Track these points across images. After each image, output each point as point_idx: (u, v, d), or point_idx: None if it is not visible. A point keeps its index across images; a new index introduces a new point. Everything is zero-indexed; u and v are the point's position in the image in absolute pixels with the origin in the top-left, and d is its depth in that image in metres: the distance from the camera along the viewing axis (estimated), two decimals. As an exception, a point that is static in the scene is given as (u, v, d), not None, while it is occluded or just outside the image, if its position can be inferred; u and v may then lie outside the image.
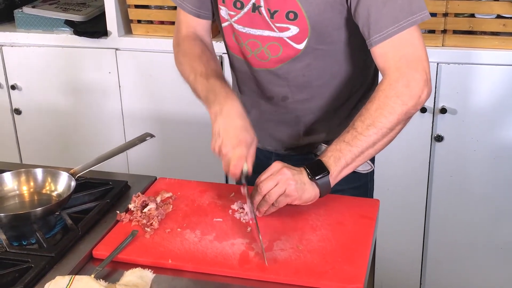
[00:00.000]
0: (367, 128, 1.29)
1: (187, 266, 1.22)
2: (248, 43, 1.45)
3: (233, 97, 1.38)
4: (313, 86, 1.49)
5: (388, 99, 1.29)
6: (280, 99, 1.52)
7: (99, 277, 1.17)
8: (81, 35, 2.52)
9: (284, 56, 1.44)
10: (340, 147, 1.30)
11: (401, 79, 1.30)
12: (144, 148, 1.79)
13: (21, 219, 1.32)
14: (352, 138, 1.30)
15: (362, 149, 1.30)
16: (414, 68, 1.31)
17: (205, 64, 1.48)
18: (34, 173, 1.46)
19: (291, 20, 1.37)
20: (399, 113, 1.30)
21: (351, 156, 1.30)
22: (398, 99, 1.29)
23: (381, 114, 1.29)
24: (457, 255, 2.42)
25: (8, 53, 2.64)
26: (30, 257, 1.22)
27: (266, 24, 1.40)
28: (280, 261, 1.21)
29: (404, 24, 1.29)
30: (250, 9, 1.40)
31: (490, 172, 2.27)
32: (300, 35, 1.39)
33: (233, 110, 1.35)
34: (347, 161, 1.30)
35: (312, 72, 1.46)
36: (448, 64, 2.19)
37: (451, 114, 2.23)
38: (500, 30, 2.18)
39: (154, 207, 1.38)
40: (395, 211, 2.38)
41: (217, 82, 1.41)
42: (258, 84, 1.52)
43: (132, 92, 2.55)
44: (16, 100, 2.70)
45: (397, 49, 1.31)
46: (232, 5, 1.42)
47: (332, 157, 1.30)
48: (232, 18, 1.44)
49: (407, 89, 1.30)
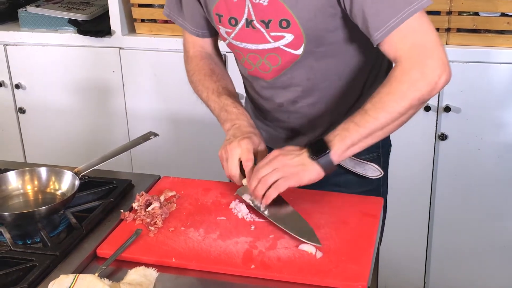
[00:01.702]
0: (377, 111, 1.27)
1: (191, 264, 1.22)
2: (249, 57, 1.46)
3: (243, 114, 1.45)
4: (320, 89, 1.47)
5: (401, 84, 1.27)
6: (290, 104, 1.51)
7: (103, 276, 1.17)
8: (84, 34, 2.52)
9: (284, 64, 1.43)
10: (348, 127, 1.29)
11: (414, 68, 1.27)
12: (148, 147, 1.79)
13: (25, 218, 1.33)
14: (361, 119, 1.28)
15: (370, 131, 1.28)
16: (427, 56, 1.28)
17: (216, 82, 1.53)
18: (38, 172, 1.46)
19: (285, 28, 1.36)
20: (411, 99, 1.27)
21: (358, 136, 1.28)
22: (412, 85, 1.27)
23: (392, 99, 1.27)
24: (461, 253, 2.41)
25: (12, 52, 2.64)
26: (34, 256, 1.23)
27: (261, 38, 1.40)
28: (284, 260, 1.21)
29: (404, 15, 1.26)
30: (244, 25, 1.40)
31: (494, 170, 2.27)
32: (295, 41, 1.38)
33: (244, 124, 1.42)
34: (353, 141, 1.28)
35: (316, 75, 1.45)
36: (452, 62, 2.15)
37: (455, 112, 2.23)
38: (505, 28, 2.17)
39: (158, 206, 1.38)
40: (399, 210, 2.37)
41: (228, 101, 1.48)
42: (267, 93, 1.52)
43: (136, 91, 2.56)
44: (20, 99, 2.71)
45: (405, 39, 1.27)
46: (227, 22, 1.43)
47: (338, 136, 1.28)
48: (229, 35, 1.45)
49: (422, 76, 1.26)
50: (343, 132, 1.29)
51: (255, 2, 1.36)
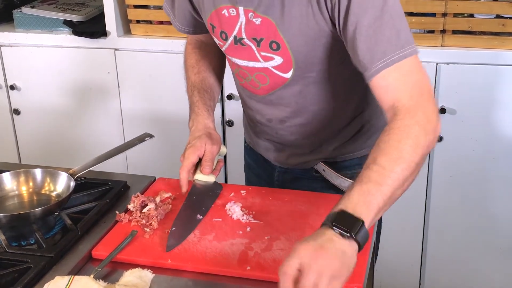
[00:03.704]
0: (395, 163, 1.09)
1: (187, 266, 1.22)
2: (239, 72, 1.45)
3: (201, 114, 1.49)
4: (309, 111, 1.44)
5: (410, 128, 1.12)
6: (279, 122, 1.49)
7: (98, 277, 1.17)
8: (80, 35, 2.52)
9: (272, 84, 1.41)
10: (368, 188, 1.06)
11: (418, 107, 1.15)
12: (143, 148, 1.79)
13: (20, 219, 1.32)
14: (379, 176, 1.08)
15: (392, 189, 1.08)
16: (427, 99, 1.18)
17: (195, 74, 1.57)
18: (33, 173, 1.46)
19: (275, 50, 1.33)
20: (423, 145, 1.13)
21: (383, 197, 1.07)
22: (421, 128, 1.13)
23: (407, 144, 1.11)
24: (457, 254, 2.42)
25: (7, 53, 2.63)
26: (29, 258, 1.22)
27: (250, 55, 1.37)
28: (279, 261, 1.21)
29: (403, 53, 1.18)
30: (232, 41, 1.38)
31: (490, 172, 2.27)
32: (284, 65, 1.35)
33: (197, 128, 1.47)
34: (379, 204, 1.07)
35: (305, 98, 1.42)
36: (447, 64, 2.19)
37: (450, 114, 2.23)
38: (500, 30, 2.18)
39: (153, 207, 1.38)
40: (394, 211, 2.37)
41: (197, 97, 1.53)
42: (257, 107, 1.51)
43: (131, 92, 2.55)
44: (15, 101, 2.70)
45: (404, 76, 1.18)
46: (219, 35, 1.41)
47: (361, 202, 1.06)
48: (222, 47, 1.44)
49: (426, 118, 1.15)
50: (364, 197, 1.06)
51: (250, 20, 1.32)
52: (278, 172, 1.61)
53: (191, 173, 1.45)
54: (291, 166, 1.58)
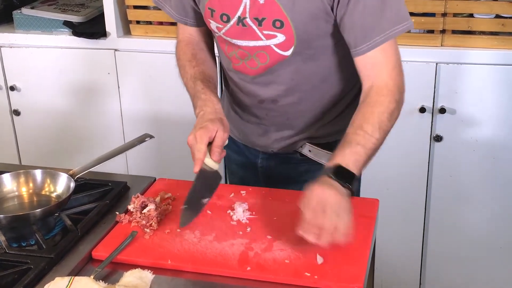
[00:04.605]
0: (376, 132, 1.32)
1: (187, 266, 1.22)
2: (238, 53, 1.47)
3: (210, 100, 1.44)
4: (302, 90, 1.50)
5: (390, 103, 1.35)
6: (271, 102, 1.53)
7: (99, 278, 1.17)
8: (80, 36, 2.52)
9: (272, 62, 1.45)
10: (357, 151, 1.29)
11: (396, 87, 1.36)
12: (143, 149, 1.79)
13: (20, 220, 1.32)
14: (365, 141, 1.30)
15: (372, 151, 1.32)
16: (401, 78, 1.38)
17: (194, 67, 1.55)
18: (33, 174, 1.46)
19: (278, 28, 1.38)
20: (395, 118, 1.37)
21: (366, 158, 1.31)
22: (397, 105, 1.36)
23: (387, 118, 1.34)
24: (457, 255, 2.41)
25: (7, 54, 2.63)
26: (29, 258, 1.22)
27: (252, 35, 1.41)
28: (280, 261, 1.21)
29: (390, 34, 1.34)
30: (235, 22, 1.41)
31: (489, 172, 2.27)
32: (286, 43, 1.40)
33: (208, 111, 1.42)
34: (364, 163, 1.31)
35: (300, 75, 1.47)
36: (447, 64, 2.19)
37: (450, 114, 2.23)
38: (499, 30, 2.18)
39: (154, 208, 1.38)
40: (394, 211, 2.38)
41: (200, 86, 1.48)
42: (250, 88, 1.53)
43: (131, 93, 2.55)
44: (15, 101, 2.70)
45: (388, 57, 1.36)
46: (219, 18, 1.43)
47: (351, 161, 1.28)
48: (220, 31, 1.46)
49: (401, 97, 1.37)
50: (354, 157, 1.29)
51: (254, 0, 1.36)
52: (261, 159, 1.64)
53: None
54: (276, 150, 1.60)
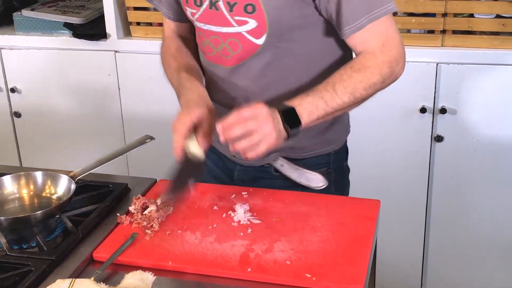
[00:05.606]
0: (346, 95, 1.33)
1: (188, 268, 1.22)
2: (211, 40, 1.45)
3: (196, 86, 1.44)
4: (275, 88, 1.45)
5: (373, 76, 1.35)
6: (243, 100, 1.46)
7: (100, 280, 1.17)
8: (80, 38, 2.52)
9: (243, 52, 1.42)
10: (317, 104, 1.32)
11: (386, 64, 1.36)
12: (144, 150, 1.78)
13: (21, 222, 1.32)
14: (330, 99, 1.32)
15: (334, 111, 1.34)
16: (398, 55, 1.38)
17: (178, 60, 1.54)
18: (34, 176, 1.46)
19: (249, 13, 1.36)
20: (377, 89, 1.38)
21: (324, 114, 1.33)
22: (382, 81, 1.37)
23: (363, 87, 1.35)
24: (458, 255, 2.41)
25: (8, 56, 2.64)
26: (30, 261, 1.22)
27: (224, 20, 1.39)
28: (281, 262, 1.21)
29: (377, 14, 1.34)
30: (207, 6, 1.40)
31: (490, 172, 2.27)
32: (258, 29, 1.38)
33: (192, 98, 1.40)
34: (318, 117, 1.33)
35: (273, 72, 1.43)
36: (447, 64, 2.19)
37: (451, 114, 2.23)
38: (500, 30, 2.18)
39: (155, 209, 1.38)
40: (395, 212, 2.38)
41: (185, 76, 1.47)
42: (224, 84, 1.50)
43: (132, 94, 2.55)
44: (15, 103, 2.70)
45: (377, 37, 1.36)
46: (193, 3, 1.42)
47: (307, 110, 1.31)
48: (194, 16, 1.44)
49: (391, 73, 1.37)
50: (311, 107, 1.31)
51: None
52: (238, 172, 1.59)
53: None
54: (249, 163, 1.54)
